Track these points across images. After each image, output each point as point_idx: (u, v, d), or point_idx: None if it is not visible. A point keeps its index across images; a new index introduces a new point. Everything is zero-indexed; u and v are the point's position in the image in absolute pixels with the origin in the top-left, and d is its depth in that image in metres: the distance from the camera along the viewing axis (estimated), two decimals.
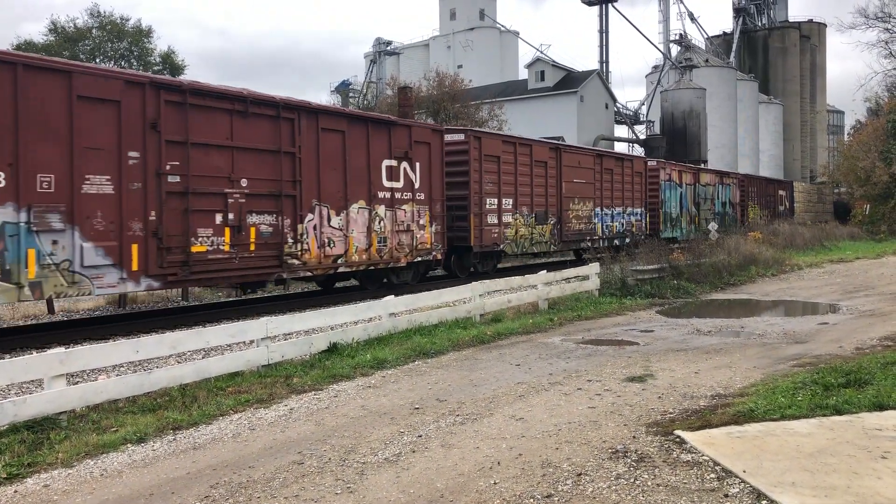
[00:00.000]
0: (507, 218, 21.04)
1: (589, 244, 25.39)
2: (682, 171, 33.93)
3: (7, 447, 6.54)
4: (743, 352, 10.48)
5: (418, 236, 17.79)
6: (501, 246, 20.81)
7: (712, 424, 6.59)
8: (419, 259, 17.93)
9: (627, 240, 27.69)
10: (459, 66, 62.41)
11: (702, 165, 44.02)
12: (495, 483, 5.46)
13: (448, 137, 19.57)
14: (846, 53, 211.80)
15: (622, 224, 27.97)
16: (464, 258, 20.22)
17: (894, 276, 21.20)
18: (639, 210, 29.35)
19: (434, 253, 18.38)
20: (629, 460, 5.82)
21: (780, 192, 50.15)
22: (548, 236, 23.06)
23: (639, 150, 55.00)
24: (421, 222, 17.89)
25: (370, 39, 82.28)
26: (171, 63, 42.46)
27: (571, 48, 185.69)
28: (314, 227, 14.94)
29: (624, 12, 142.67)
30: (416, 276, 18.41)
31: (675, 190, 32.69)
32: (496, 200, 20.59)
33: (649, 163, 31.61)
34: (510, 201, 21.21)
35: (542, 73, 53.79)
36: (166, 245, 12.16)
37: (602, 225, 26.37)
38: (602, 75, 58.10)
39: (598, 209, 26.19)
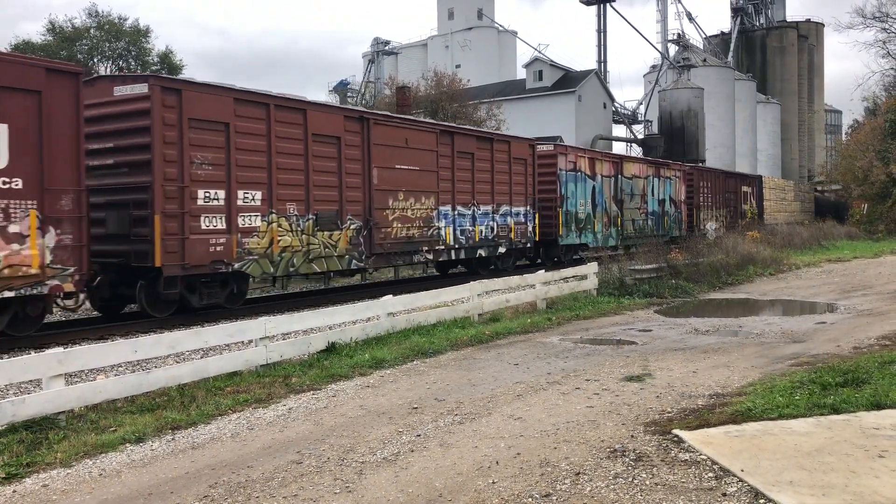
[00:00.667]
0: (252, 221, 14.06)
1: (429, 256, 18.88)
2: (594, 158, 26.68)
3: (6, 447, 6.54)
4: (741, 351, 10.50)
5: (1, 255, 10.41)
6: (238, 265, 13.76)
7: (710, 424, 6.60)
8: (9, 294, 10.50)
9: (501, 249, 21.39)
10: (458, 66, 62.42)
11: (627, 154, 37.00)
12: (494, 482, 5.46)
13: (121, 90, 13.00)
14: (844, 53, 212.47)
15: (492, 228, 20.92)
16: (158, 286, 12.87)
17: (892, 275, 21.23)
18: (522, 209, 22.13)
19: (55, 283, 10.98)
20: (627, 459, 5.83)
21: (745, 189, 42.84)
22: (343, 248, 15.96)
23: (637, 150, 55.06)
24: (14, 230, 10.54)
25: (369, 39, 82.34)
26: (169, 62, 42.45)
27: (569, 48, 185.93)
28: None
29: (622, 12, 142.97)
30: (27, 324, 11.21)
31: (585, 183, 25.49)
32: (224, 193, 13.55)
33: (541, 147, 24.23)
34: (257, 195, 14.19)
35: (541, 72, 53.85)
36: None
37: (454, 230, 19.38)
38: (600, 75, 58.18)
39: (444, 208, 19.09)
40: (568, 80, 53.72)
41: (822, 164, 78.60)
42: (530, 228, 22.67)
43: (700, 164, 40.62)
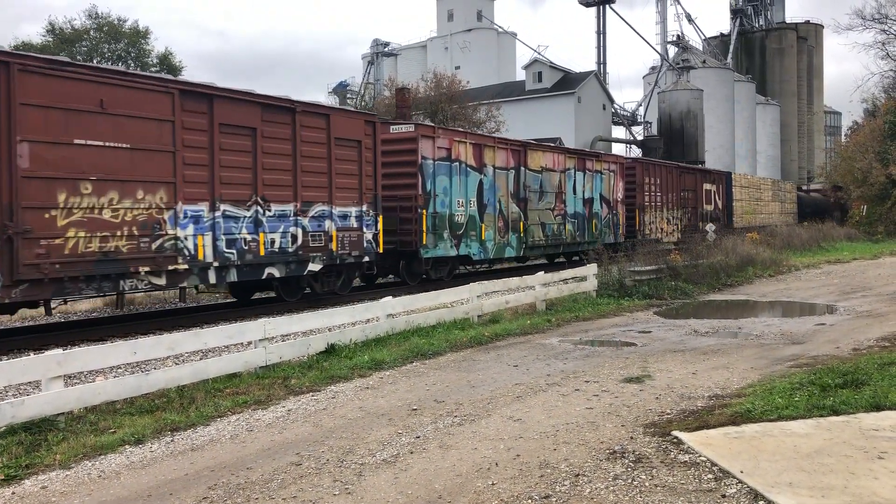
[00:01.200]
0: None
1: (158, 281, 12.40)
2: (481, 144, 20.39)
3: (5, 449, 6.53)
4: (740, 352, 10.50)
5: None
6: None
7: (710, 425, 6.61)
8: None
9: (314, 266, 14.99)
10: (457, 67, 62.45)
11: (534, 140, 26.20)
12: (493, 484, 5.46)
13: None
14: (843, 55, 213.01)
15: (294, 237, 14.49)
16: None
17: (891, 276, 21.25)
18: (353, 210, 15.90)
19: None
20: (627, 461, 5.83)
21: (707, 186, 36.49)
22: None
23: (637, 151, 55.10)
24: None
25: (368, 40, 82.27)
26: (168, 64, 42.52)
27: (569, 49, 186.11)
28: None
29: (621, 14, 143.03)
30: None
31: (466, 176, 19.64)
32: None
33: (393, 127, 18.54)
34: None
35: (540, 74, 53.86)
36: None
37: (214, 240, 13.02)
38: (599, 76, 58.21)
39: (193, 207, 12.76)
40: (567, 82, 53.74)
41: (821, 166, 78.66)
42: (370, 236, 16.35)
43: (643, 158, 33.67)
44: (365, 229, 16.29)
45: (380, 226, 16.73)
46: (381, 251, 16.83)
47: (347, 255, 15.89)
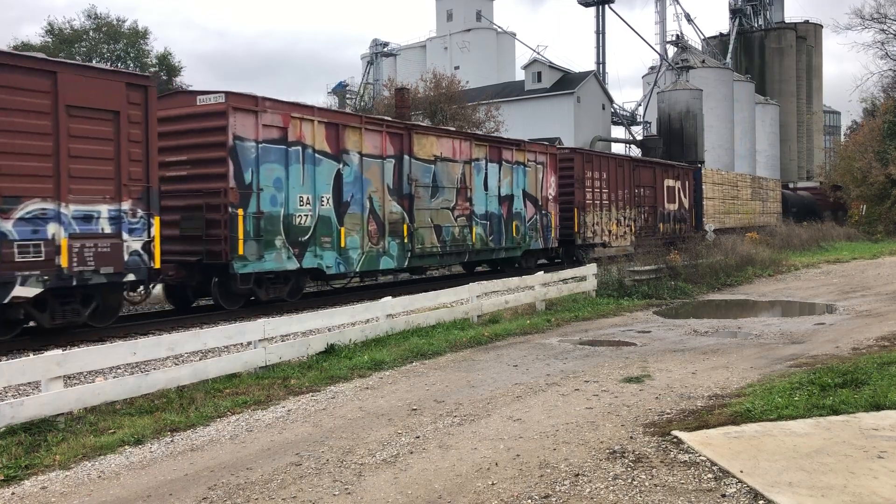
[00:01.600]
0: None
1: None
2: (339, 124, 15.91)
3: (4, 449, 6.53)
4: (740, 352, 10.50)
5: None
6: None
7: (709, 425, 6.61)
8: None
9: (25, 291, 10.48)
10: (456, 68, 62.44)
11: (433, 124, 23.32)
12: (493, 484, 5.46)
13: None
14: (842, 54, 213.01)
15: None
16: None
17: (891, 276, 21.26)
18: (106, 208, 11.44)
19: None
20: (627, 461, 5.83)
21: (669, 183, 31.57)
22: None
23: (636, 151, 55.08)
24: None
25: (368, 41, 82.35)
26: (167, 64, 42.49)
27: (568, 49, 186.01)
28: None
29: (621, 13, 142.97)
30: None
31: (315, 165, 15.17)
32: None
33: (207, 98, 13.90)
34: None
35: (539, 74, 53.81)
36: None
37: None
38: (599, 76, 58.20)
39: None
40: (567, 82, 53.70)
41: (820, 166, 78.68)
42: (137, 245, 11.88)
43: (582, 148, 29.35)
44: (127, 235, 11.72)
45: (155, 230, 12.10)
46: (157, 266, 12.18)
47: (93, 273, 11.24)
